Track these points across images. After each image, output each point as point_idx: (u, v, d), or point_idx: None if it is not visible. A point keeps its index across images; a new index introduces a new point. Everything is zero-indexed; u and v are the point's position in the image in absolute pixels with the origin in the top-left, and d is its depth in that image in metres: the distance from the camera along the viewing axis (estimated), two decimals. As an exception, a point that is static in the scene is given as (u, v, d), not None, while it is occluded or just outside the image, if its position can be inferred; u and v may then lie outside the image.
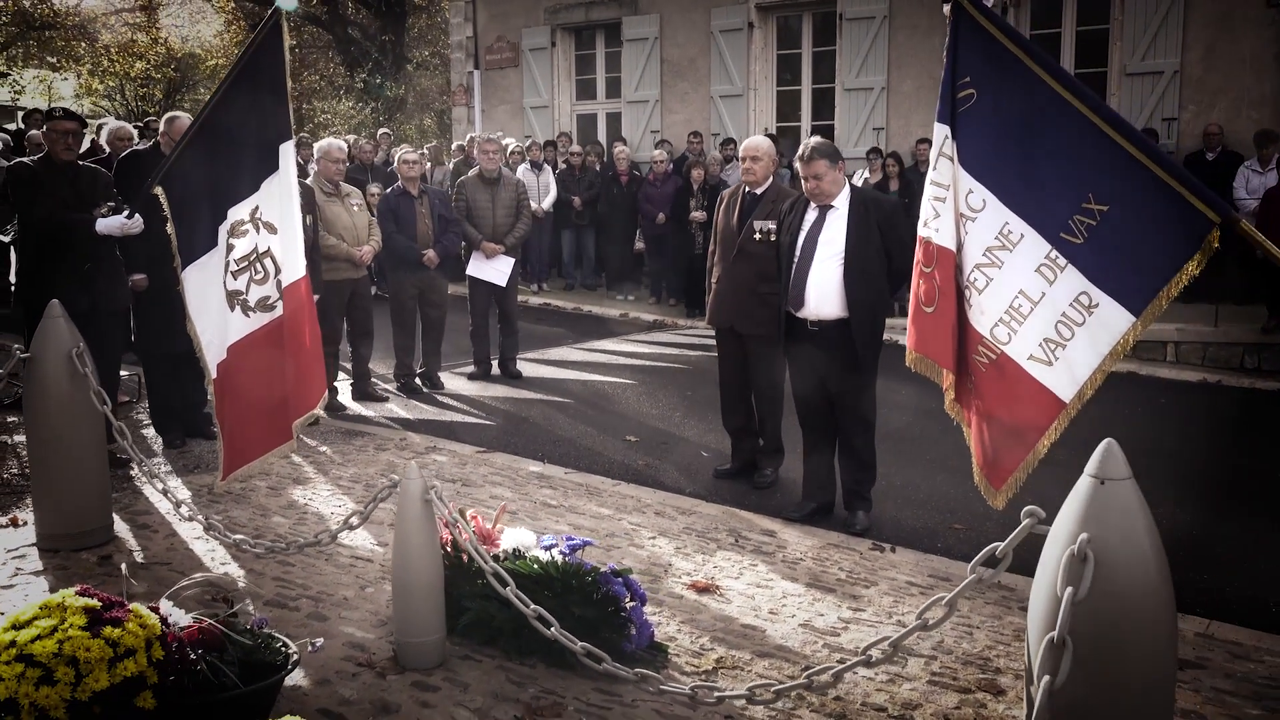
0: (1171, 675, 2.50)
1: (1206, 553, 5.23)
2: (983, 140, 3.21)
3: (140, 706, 2.68)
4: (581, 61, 15.98)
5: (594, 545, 4.08)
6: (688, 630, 4.10)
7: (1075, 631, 2.30)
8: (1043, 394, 3.16)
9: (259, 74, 4.77)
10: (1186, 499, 5.93)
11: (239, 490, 5.64)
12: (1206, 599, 4.62)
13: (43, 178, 5.76)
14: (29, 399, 4.68)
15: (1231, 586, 4.83)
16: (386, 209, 7.91)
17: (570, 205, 13.49)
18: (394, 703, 3.43)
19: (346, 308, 7.65)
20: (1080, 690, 2.34)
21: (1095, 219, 3.05)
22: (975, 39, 3.21)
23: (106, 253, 5.93)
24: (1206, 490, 6.19)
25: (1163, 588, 2.38)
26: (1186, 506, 5.83)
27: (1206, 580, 4.89)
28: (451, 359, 9.01)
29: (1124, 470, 2.41)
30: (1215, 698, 3.63)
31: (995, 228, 3.17)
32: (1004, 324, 3.18)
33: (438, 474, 6.03)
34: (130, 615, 2.73)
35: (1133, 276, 3.03)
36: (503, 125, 16.16)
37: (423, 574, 3.62)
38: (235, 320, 4.72)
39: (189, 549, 4.80)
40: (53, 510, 4.68)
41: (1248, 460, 6.93)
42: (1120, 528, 2.36)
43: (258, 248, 4.70)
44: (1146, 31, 11.55)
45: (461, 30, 16.74)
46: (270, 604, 4.21)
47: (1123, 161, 3.00)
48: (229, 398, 4.77)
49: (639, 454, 6.76)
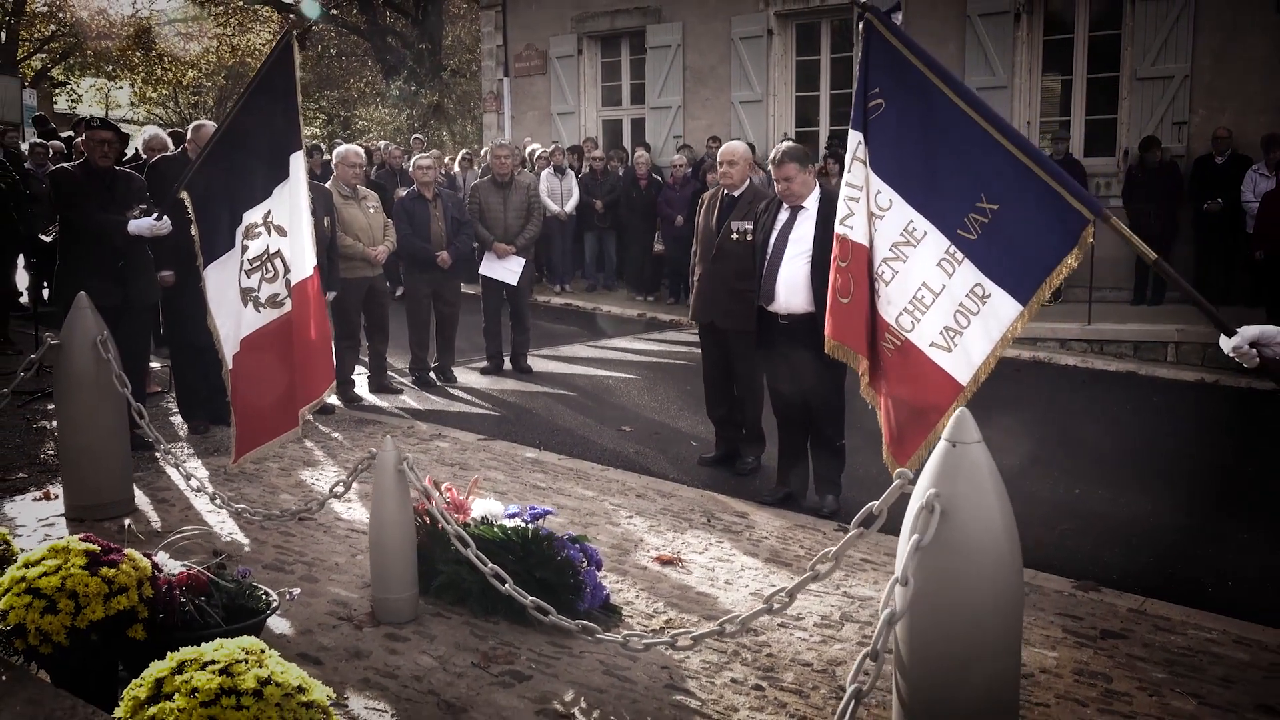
0: (1017, 618, 2.81)
1: (1160, 539, 5.49)
2: (889, 145, 3.54)
3: (132, 637, 3.10)
4: (607, 69, 16.40)
5: (554, 515, 4.44)
6: (645, 596, 4.46)
7: (923, 574, 2.63)
8: (943, 378, 3.48)
9: (273, 88, 5.21)
10: (1159, 490, 6.21)
11: (252, 470, 6.09)
12: (1149, 579, 4.89)
13: (82, 182, 6.25)
14: (58, 383, 5.15)
15: (1176, 569, 5.09)
16: (402, 211, 8.35)
17: (592, 209, 13.89)
18: (365, 650, 3.83)
19: (363, 304, 8.10)
20: (929, 630, 2.67)
21: (987, 217, 3.37)
22: (883, 54, 3.55)
23: (138, 251, 6.41)
24: (1183, 483, 6.43)
25: (1005, 537, 2.70)
26: (1155, 497, 6.10)
27: (1152, 562, 5.16)
28: (467, 355, 9.44)
29: (974, 435, 2.73)
30: (1127, 663, 3.92)
31: (901, 225, 3.50)
32: (908, 313, 3.50)
33: (438, 459, 6.44)
34: (125, 558, 3.15)
35: (1020, 269, 3.35)
36: (531, 131, 16.63)
37: (396, 537, 4.02)
38: (248, 315, 5.16)
39: (202, 520, 5.24)
40: (79, 484, 5.15)
41: (1230, 457, 7.15)
42: (968, 484, 2.67)
43: (269, 249, 5.13)
44: (1157, 37, 11.71)
45: (492, 39, 17.23)
46: (268, 567, 4.64)
47: (1010, 165, 3.32)
48: (241, 387, 5.22)
49: (631, 443, 7.13)
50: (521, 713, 3.40)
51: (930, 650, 2.70)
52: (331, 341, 5.33)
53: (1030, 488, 6.25)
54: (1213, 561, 5.16)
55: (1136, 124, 11.89)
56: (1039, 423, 7.92)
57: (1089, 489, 6.24)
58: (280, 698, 2.46)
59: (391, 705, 3.43)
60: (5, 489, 5.75)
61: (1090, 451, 7.09)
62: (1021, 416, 8.18)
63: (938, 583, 2.65)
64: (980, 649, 2.67)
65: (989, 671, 2.70)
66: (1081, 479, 6.40)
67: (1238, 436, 7.84)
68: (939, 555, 2.64)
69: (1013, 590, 2.72)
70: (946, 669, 2.69)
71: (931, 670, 2.71)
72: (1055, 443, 7.29)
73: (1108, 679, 3.78)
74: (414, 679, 3.61)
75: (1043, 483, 6.35)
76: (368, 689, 3.54)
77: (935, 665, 2.70)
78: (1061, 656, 3.95)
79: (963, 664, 2.67)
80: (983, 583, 2.64)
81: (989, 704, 2.72)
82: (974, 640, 2.66)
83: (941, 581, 2.64)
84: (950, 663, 2.68)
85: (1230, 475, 6.67)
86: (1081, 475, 6.47)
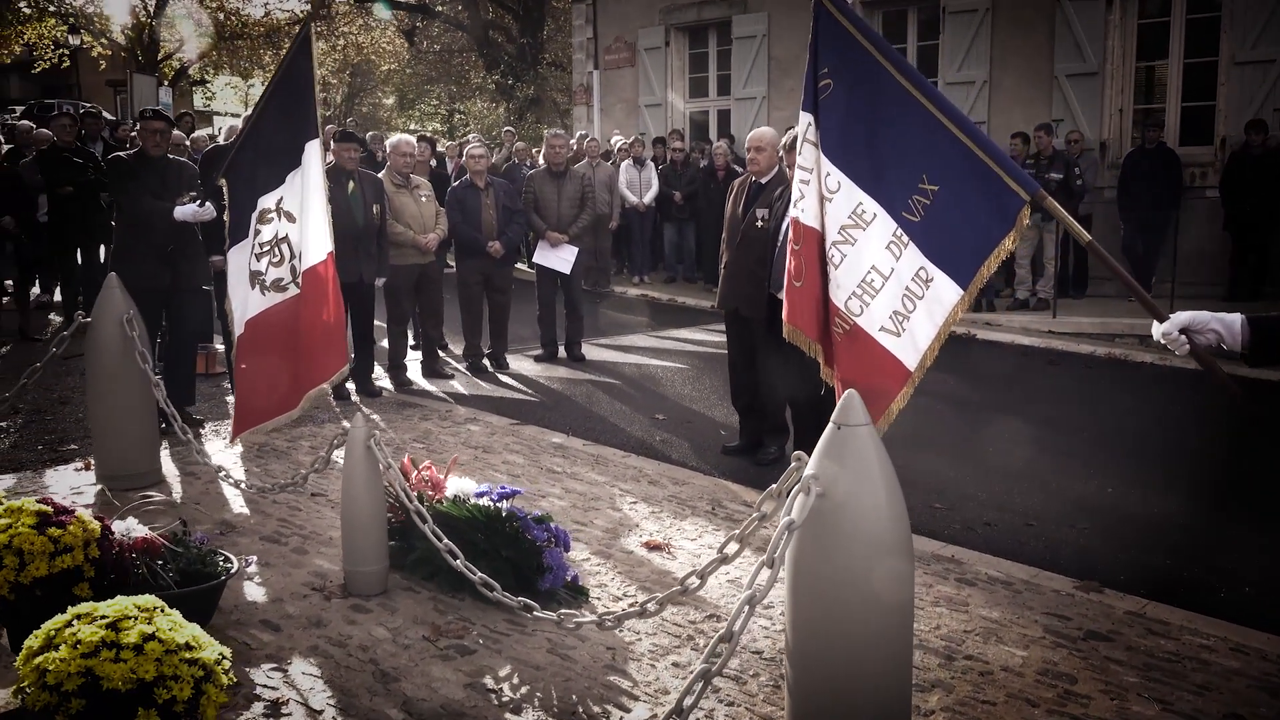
0: (903, 606, 2.72)
1: (1183, 542, 5.23)
2: (838, 127, 3.45)
3: (78, 594, 3.27)
4: (694, 60, 16.37)
5: (521, 494, 4.48)
6: (620, 579, 4.47)
7: (803, 558, 2.58)
8: (892, 363, 3.38)
9: (293, 80, 5.38)
10: (1199, 494, 5.91)
11: (283, 448, 6.33)
12: (1159, 581, 4.66)
13: (135, 169, 6.58)
14: (88, 359, 5.44)
15: (1191, 572, 4.84)
16: (454, 200, 8.52)
17: (671, 200, 13.89)
18: (326, 619, 3.95)
19: (415, 291, 8.30)
20: (812, 618, 2.62)
21: (929, 198, 3.26)
22: (833, 34, 3.46)
23: (188, 236, 6.71)
24: (1228, 488, 6.10)
25: (891, 522, 2.61)
26: (1192, 500, 5.82)
27: (1168, 565, 4.92)
28: (529, 343, 9.58)
29: (861, 418, 2.66)
30: (1101, 665, 3.75)
31: (850, 207, 3.41)
32: (857, 297, 3.41)
33: (465, 441, 6.57)
34: (74, 520, 3.32)
35: (960, 252, 3.23)
36: (619, 123, 16.72)
37: (365, 511, 4.12)
38: (254, 298, 5.33)
39: (220, 492, 5.47)
40: (107, 455, 5.43)
41: (1237, 452, 6.74)
42: (853, 468, 2.60)
43: (277, 234, 5.30)
44: (1258, 19, 11.08)
45: (583, 32, 17.39)
46: (265, 538, 4.82)
47: (950, 144, 3.21)
48: (243, 367, 5.40)
49: (660, 430, 7.13)
50: (451, 685, 3.46)
51: (813, 638, 2.64)
52: (345, 326, 5.43)
53: (1060, 484, 6.04)
54: (1232, 567, 4.89)
55: (1235, 111, 11.27)
56: (1091, 419, 7.62)
57: (1123, 488, 5.97)
58: (161, 653, 2.56)
59: (327, 671, 3.53)
60: (55, 459, 6.10)
61: (1137, 451, 6.78)
62: (1076, 412, 7.90)
63: (818, 567, 2.59)
64: (865, 638, 2.60)
65: (875, 660, 2.62)
66: (1117, 478, 6.13)
67: (1249, 430, 7.38)
68: (819, 539, 2.58)
69: (898, 577, 2.63)
70: (830, 656, 2.63)
71: (816, 657, 2.66)
72: (1101, 440, 7.01)
73: (1072, 680, 3.63)
74: (360, 649, 3.71)
75: (1074, 480, 6.11)
76: (314, 655, 3.65)
77: (819, 653, 2.64)
78: (1030, 656, 3.81)
79: (846, 651, 2.61)
80: (864, 568, 2.57)
81: (876, 693, 2.65)
82: (858, 628, 2.59)
83: (821, 566, 2.58)
84: (834, 651, 2.62)
85: (1254, 473, 6.30)
86: (1118, 474, 6.20)
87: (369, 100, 40.29)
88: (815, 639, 2.64)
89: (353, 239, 7.35)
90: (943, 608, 4.24)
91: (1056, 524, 5.42)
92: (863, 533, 2.58)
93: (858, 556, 2.56)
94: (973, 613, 4.19)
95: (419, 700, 3.34)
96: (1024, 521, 5.45)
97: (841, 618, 2.59)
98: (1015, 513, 5.57)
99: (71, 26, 32.33)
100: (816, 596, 2.62)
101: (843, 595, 2.59)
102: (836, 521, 2.58)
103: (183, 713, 2.56)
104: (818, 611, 2.63)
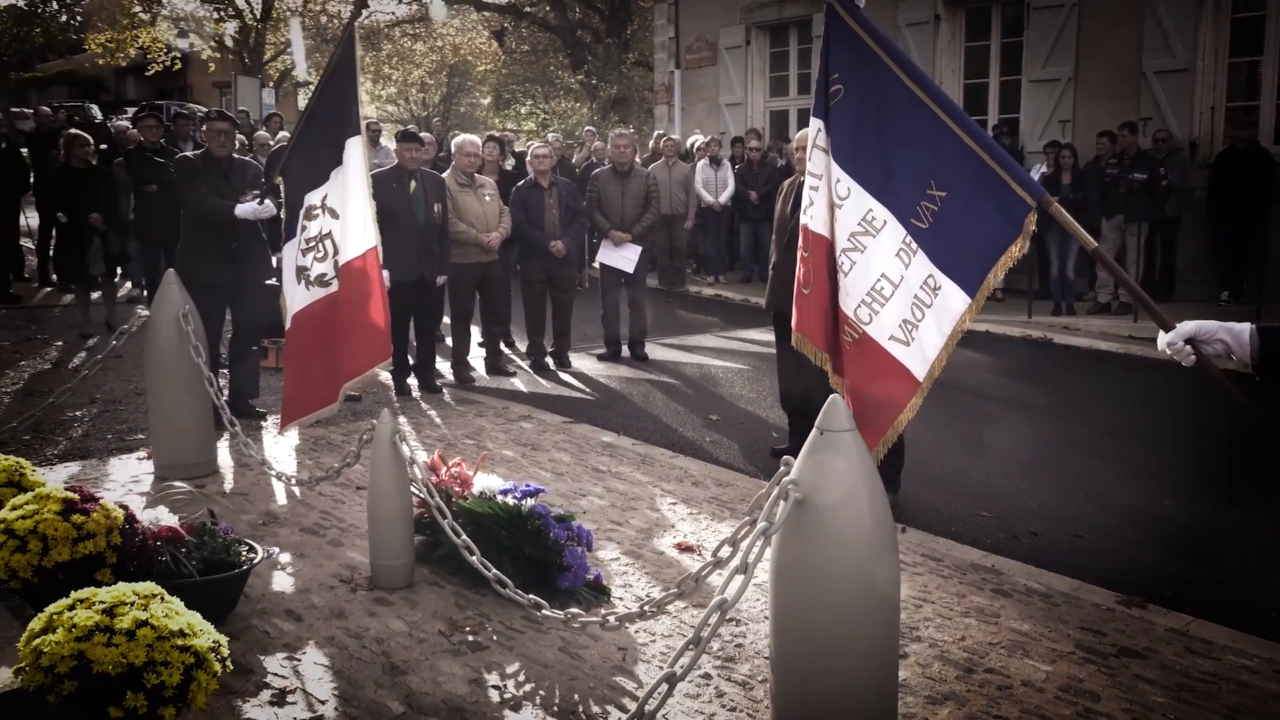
0: (887, 615, 2.65)
1: (1243, 559, 5.01)
2: (848, 132, 3.38)
3: (100, 580, 3.38)
4: (775, 59, 16.24)
5: (545, 492, 4.50)
6: (646, 580, 4.46)
7: (783, 566, 2.53)
8: (901, 373, 3.30)
9: (340, 78, 5.51)
10: (1264, 508, 5.63)
11: (338, 441, 6.47)
12: (1211, 599, 4.45)
13: (200, 168, 6.80)
14: (146, 353, 5.64)
15: (1246, 591, 4.62)
16: (518, 199, 8.60)
17: (747, 200, 13.80)
18: (348, 611, 4.02)
19: (478, 289, 8.40)
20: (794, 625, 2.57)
21: (937, 204, 3.17)
22: (844, 38, 3.39)
23: (252, 232, 6.92)
24: (1263, 494, 5.78)
25: (874, 529, 2.55)
26: (1255, 515, 5.55)
27: (1222, 582, 4.71)
28: (595, 342, 9.62)
29: (845, 424, 2.60)
30: (1129, 684, 3.62)
31: (859, 214, 3.33)
32: (866, 305, 3.34)
33: (515, 438, 6.63)
34: (98, 508, 3.45)
35: (967, 259, 3.14)
36: (700, 122, 16.68)
37: (390, 506, 4.19)
38: (300, 293, 5.46)
39: (268, 484, 5.62)
40: (164, 445, 5.63)
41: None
42: (835, 473, 2.55)
43: (322, 230, 5.41)
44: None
45: (665, 31, 17.39)
46: (305, 530, 4.94)
47: (958, 149, 3.12)
48: (290, 360, 5.54)
49: (712, 431, 7.09)
50: (457, 679, 3.49)
51: (795, 644, 2.59)
52: (387, 319, 5.45)
53: (1116, 494, 5.83)
54: None
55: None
56: (1160, 428, 7.32)
57: (1184, 501, 5.74)
58: (153, 639, 2.64)
59: (339, 662, 3.60)
60: (121, 448, 6.34)
61: (1204, 463, 6.49)
62: (1145, 420, 7.59)
63: (799, 575, 2.54)
64: (847, 645, 2.54)
65: (858, 666, 2.56)
66: (1179, 490, 5.89)
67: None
68: (798, 546, 2.53)
69: (881, 585, 2.57)
70: (812, 663, 2.58)
71: (798, 662, 2.61)
72: (1167, 450, 6.73)
73: (1094, 698, 3.50)
74: (375, 641, 3.77)
75: (1132, 490, 5.89)
76: (329, 646, 3.72)
77: (801, 658, 2.59)
78: (1055, 671, 3.69)
79: (827, 660, 2.56)
80: (846, 575, 2.51)
81: (860, 702, 2.59)
82: (839, 636, 2.54)
83: (802, 573, 2.54)
84: (816, 658, 2.57)
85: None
86: (1181, 487, 5.96)
87: (466, 100, 40.97)
88: (797, 645, 2.60)
89: (414, 237, 7.49)
90: (972, 619, 4.13)
91: (1107, 536, 5.23)
92: (844, 538, 2.52)
93: (838, 562, 2.51)
94: (1003, 625, 4.07)
95: (422, 694, 3.39)
96: (1072, 532, 5.28)
97: (823, 624, 2.54)
98: (1064, 523, 5.40)
99: (180, 31, 33.60)
100: (798, 603, 2.57)
101: (824, 601, 2.54)
102: (817, 527, 2.53)
103: (171, 698, 2.64)
104: (799, 618, 2.58)
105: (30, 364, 8.73)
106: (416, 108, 40.76)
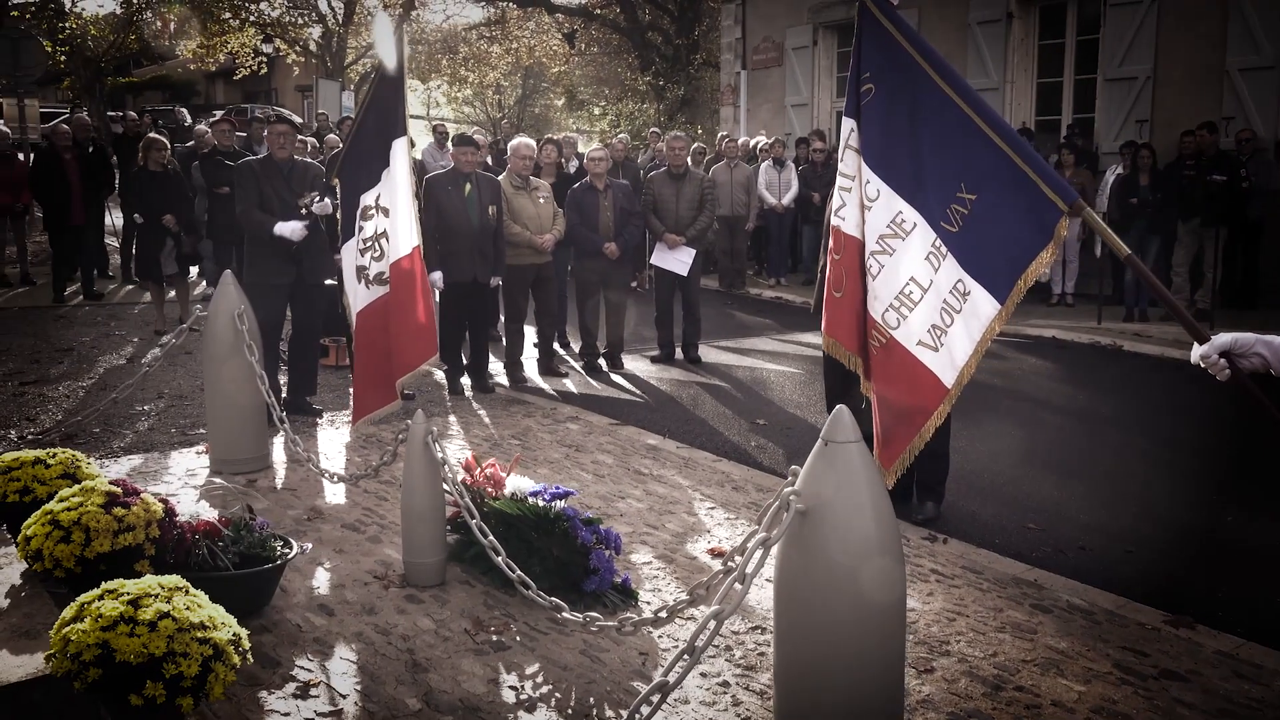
0: (892, 630, 2.61)
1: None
2: (878, 133, 3.35)
3: (139, 571, 3.50)
4: (842, 59, 16.08)
5: (575, 494, 4.52)
6: (676, 584, 4.46)
7: (787, 577, 2.52)
8: (929, 378, 3.26)
9: (389, 80, 5.61)
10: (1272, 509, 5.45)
11: (388, 439, 6.56)
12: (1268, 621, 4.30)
13: (259, 173, 6.97)
14: (204, 352, 5.82)
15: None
16: (572, 201, 8.66)
17: (811, 201, 13.70)
18: (379, 607, 4.10)
19: (532, 290, 8.49)
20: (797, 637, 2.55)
21: (967, 208, 3.12)
22: (876, 37, 3.36)
23: (313, 233, 7.07)
24: None
25: (879, 542, 2.51)
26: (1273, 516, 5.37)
27: (1275, 601, 4.55)
28: (649, 344, 9.65)
29: (850, 435, 2.57)
30: (1166, 706, 3.52)
31: (889, 216, 3.30)
32: (894, 309, 3.30)
33: (561, 439, 6.68)
34: (139, 502, 3.57)
35: (997, 264, 3.08)
36: (765, 123, 16.61)
37: (424, 504, 4.26)
38: (360, 292, 5.59)
39: (317, 480, 5.74)
40: (219, 441, 5.80)
41: None
42: (839, 485, 2.52)
43: (377, 229, 5.53)
44: None
45: (731, 32, 17.35)
46: (347, 526, 5.04)
47: (990, 151, 3.06)
48: (359, 357, 5.67)
49: (758, 435, 7.06)
50: (476, 679, 3.54)
51: (798, 656, 2.58)
52: (432, 316, 5.53)
53: (1172, 509, 5.67)
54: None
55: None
56: (1224, 441, 7.08)
57: (1244, 518, 5.55)
58: (173, 630, 2.72)
59: (364, 657, 3.67)
60: (183, 442, 6.54)
61: (1270, 478, 6.27)
62: (1208, 433, 7.36)
63: (802, 587, 2.52)
64: (848, 657, 2.52)
65: (861, 680, 2.54)
66: (1240, 506, 5.70)
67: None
68: (801, 558, 2.52)
69: (886, 599, 2.54)
70: (815, 677, 2.56)
71: (800, 678, 2.59)
72: (1229, 464, 6.52)
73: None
74: (401, 638, 3.83)
75: (1189, 506, 5.73)
76: (356, 641, 3.80)
77: (804, 673, 2.58)
78: (1089, 691, 3.60)
79: (829, 673, 2.53)
80: (850, 589, 2.49)
81: (864, 717, 2.57)
82: (841, 647, 2.51)
83: (806, 586, 2.52)
84: (818, 672, 2.55)
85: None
86: (1242, 502, 5.77)
87: (540, 101, 41.33)
88: (799, 656, 2.58)
89: (467, 239, 7.59)
90: (1007, 634, 4.05)
91: (1159, 552, 5.09)
92: (845, 549, 2.50)
93: (841, 574, 2.48)
94: (1038, 641, 3.98)
95: (440, 692, 3.44)
96: (1123, 547, 5.14)
97: (825, 635, 2.52)
98: (1115, 537, 5.26)
99: (265, 36, 34.42)
100: (800, 613, 2.56)
101: (825, 612, 2.52)
102: (820, 538, 2.51)
103: (190, 688, 2.72)
104: (802, 629, 2.56)
105: (106, 359, 9.04)
106: (492, 109, 41.27)
